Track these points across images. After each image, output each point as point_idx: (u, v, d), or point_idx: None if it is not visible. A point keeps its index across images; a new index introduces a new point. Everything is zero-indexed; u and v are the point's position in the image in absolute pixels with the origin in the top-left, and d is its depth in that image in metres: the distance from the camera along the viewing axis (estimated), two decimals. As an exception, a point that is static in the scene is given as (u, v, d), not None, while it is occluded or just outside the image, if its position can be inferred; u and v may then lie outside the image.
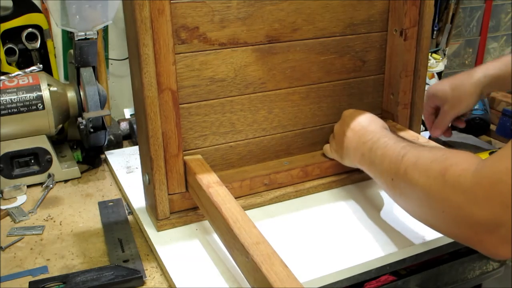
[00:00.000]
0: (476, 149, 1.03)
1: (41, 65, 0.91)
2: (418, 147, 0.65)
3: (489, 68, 0.93)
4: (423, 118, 1.00)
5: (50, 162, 0.98)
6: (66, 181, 1.00)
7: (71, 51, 0.99)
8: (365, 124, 0.78)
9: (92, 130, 0.97)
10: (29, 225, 0.84)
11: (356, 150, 0.77)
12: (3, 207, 0.89)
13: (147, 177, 0.78)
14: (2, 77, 0.90)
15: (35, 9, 1.09)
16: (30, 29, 1.09)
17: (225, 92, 0.80)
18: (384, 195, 0.88)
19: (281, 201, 0.86)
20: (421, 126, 1.00)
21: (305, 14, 0.81)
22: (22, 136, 0.95)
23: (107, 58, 1.21)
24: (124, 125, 1.19)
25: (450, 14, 1.52)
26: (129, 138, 1.19)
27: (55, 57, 1.14)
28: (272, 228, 0.78)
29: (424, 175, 0.59)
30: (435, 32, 1.52)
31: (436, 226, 0.62)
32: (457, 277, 0.83)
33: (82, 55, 0.94)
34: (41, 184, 0.97)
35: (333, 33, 0.85)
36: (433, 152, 0.61)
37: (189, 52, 0.75)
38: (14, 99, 0.92)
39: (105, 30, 1.19)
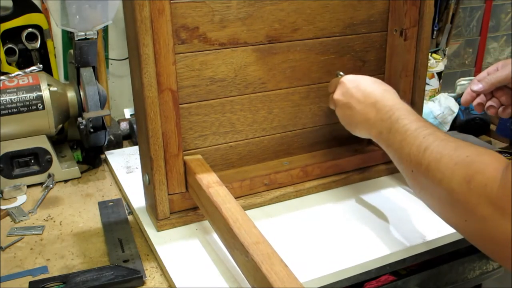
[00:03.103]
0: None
1: (41, 65, 0.90)
2: (441, 140, 0.60)
3: None
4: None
5: (50, 162, 0.98)
6: (66, 181, 1.00)
7: (71, 51, 0.99)
8: (380, 98, 0.72)
9: (92, 130, 0.97)
10: (29, 225, 0.84)
11: (371, 127, 0.72)
12: (3, 207, 0.89)
13: (147, 177, 0.78)
14: (2, 77, 0.90)
15: (35, 9, 1.09)
16: (30, 29, 1.09)
17: (225, 92, 0.80)
18: (384, 195, 0.88)
19: (281, 201, 0.86)
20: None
21: (305, 14, 0.81)
22: (22, 136, 0.95)
23: (107, 58, 1.21)
24: (124, 125, 1.19)
25: (450, 14, 1.52)
26: (129, 138, 1.19)
27: (55, 57, 1.14)
28: (272, 228, 0.78)
29: (448, 177, 0.56)
30: (435, 32, 1.51)
31: (457, 230, 0.59)
32: (457, 277, 0.83)
33: (82, 55, 0.94)
34: (41, 184, 0.97)
35: (333, 33, 0.85)
36: (458, 152, 0.57)
37: (189, 52, 0.75)
38: (14, 99, 0.92)
39: (105, 30, 1.19)
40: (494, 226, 0.50)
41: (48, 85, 0.96)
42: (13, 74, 0.89)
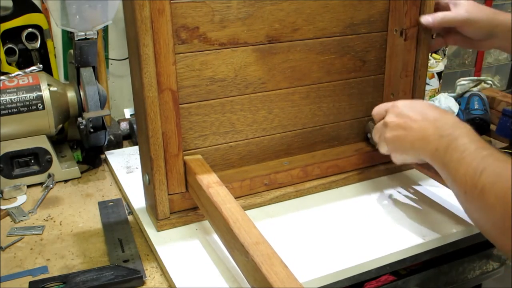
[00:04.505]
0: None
1: (41, 65, 0.91)
2: (500, 161, 0.58)
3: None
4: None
5: (50, 162, 0.98)
6: (66, 181, 1.00)
7: (71, 51, 0.99)
8: (439, 116, 0.69)
9: (92, 130, 0.97)
10: (29, 225, 0.84)
11: (428, 143, 0.68)
12: (3, 207, 0.89)
13: (147, 177, 0.78)
14: (2, 77, 0.90)
15: (35, 9, 1.09)
16: (30, 29, 1.09)
17: (225, 92, 0.80)
18: (384, 195, 0.88)
19: (281, 201, 0.86)
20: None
21: (305, 14, 0.81)
22: (22, 136, 0.95)
23: (107, 58, 1.21)
24: (124, 125, 1.19)
25: (450, 14, 1.52)
26: (129, 138, 1.19)
27: (55, 57, 1.14)
28: (272, 228, 0.78)
29: (503, 201, 0.54)
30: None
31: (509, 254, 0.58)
32: (457, 277, 0.83)
33: (82, 55, 0.94)
34: (41, 184, 0.97)
35: (333, 33, 0.85)
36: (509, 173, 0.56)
37: (189, 52, 0.75)
38: (14, 99, 0.92)
39: (105, 30, 1.19)
40: None
41: (48, 85, 0.96)
42: (13, 74, 0.90)
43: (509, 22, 0.86)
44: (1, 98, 0.92)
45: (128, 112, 1.28)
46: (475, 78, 1.29)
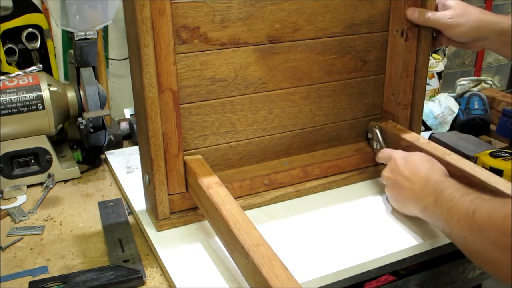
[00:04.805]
0: (476, 149, 1.03)
1: (41, 65, 0.91)
2: (487, 200, 0.61)
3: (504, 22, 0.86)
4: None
5: (50, 162, 0.98)
6: (66, 181, 1.00)
7: (71, 51, 0.98)
8: (425, 175, 0.73)
9: (92, 130, 0.97)
10: (29, 225, 0.84)
11: (417, 202, 0.73)
12: (3, 207, 0.89)
13: (147, 177, 0.78)
14: (2, 77, 0.90)
15: (35, 9, 1.09)
16: (30, 29, 1.09)
17: (226, 92, 0.80)
18: (384, 195, 0.88)
19: (281, 201, 0.86)
20: (421, 126, 1.00)
21: (306, 14, 0.81)
22: (22, 136, 0.95)
23: (107, 58, 1.21)
24: (124, 125, 1.19)
25: (450, 14, 1.52)
26: (129, 138, 1.19)
27: (55, 57, 1.14)
28: (272, 228, 0.78)
29: (501, 232, 0.55)
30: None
31: None
32: (457, 277, 0.83)
33: (82, 55, 0.94)
34: (41, 184, 0.97)
35: (334, 33, 0.85)
36: (503, 205, 0.57)
37: (190, 52, 0.75)
38: (14, 99, 0.92)
39: (105, 30, 1.19)
40: None
41: (48, 85, 0.96)
42: (13, 74, 0.90)
43: (498, 25, 0.86)
44: (1, 98, 0.92)
45: (128, 112, 1.28)
46: (475, 78, 1.29)
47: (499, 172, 0.90)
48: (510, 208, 0.55)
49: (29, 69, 0.89)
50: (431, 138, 1.05)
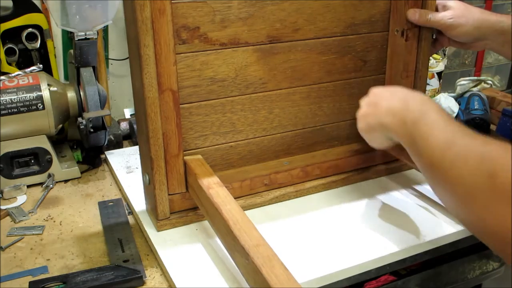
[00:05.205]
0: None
1: (41, 65, 0.91)
2: (468, 137, 0.57)
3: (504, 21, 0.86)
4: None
5: (50, 162, 0.98)
6: (66, 181, 1.00)
7: (71, 51, 0.98)
8: (410, 93, 0.69)
9: (92, 130, 0.97)
10: (29, 225, 0.84)
11: (395, 115, 0.67)
12: (3, 207, 0.89)
13: (147, 177, 0.78)
14: (2, 77, 0.90)
15: (35, 9, 1.09)
16: (30, 29, 1.09)
17: (226, 92, 0.80)
18: (384, 195, 0.88)
19: (281, 201, 0.86)
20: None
21: (306, 14, 0.81)
22: (22, 136, 0.95)
23: (107, 58, 1.21)
24: (124, 125, 1.19)
25: (451, 14, 1.52)
26: (129, 138, 1.19)
27: (55, 57, 1.14)
28: (272, 228, 0.78)
29: (472, 174, 0.53)
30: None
31: (473, 230, 0.57)
32: (457, 277, 0.83)
33: (82, 55, 0.94)
34: (41, 184, 0.97)
35: (334, 33, 0.85)
36: (486, 147, 0.54)
37: (190, 52, 0.75)
38: (14, 99, 0.92)
39: (105, 30, 1.19)
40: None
41: (48, 85, 0.96)
42: (13, 74, 0.89)
43: (498, 24, 0.86)
44: (1, 98, 0.91)
45: (128, 112, 1.28)
46: (475, 78, 1.29)
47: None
48: (487, 149, 0.53)
49: (29, 69, 0.88)
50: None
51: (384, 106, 0.70)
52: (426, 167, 0.62)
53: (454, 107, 1.21)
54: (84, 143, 1.01)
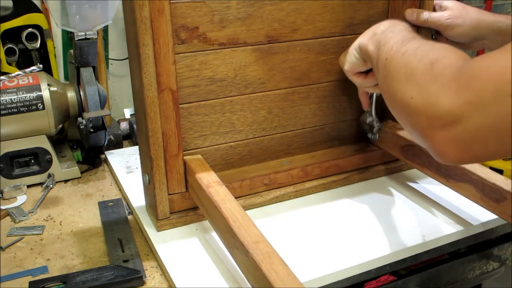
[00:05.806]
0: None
1: (41, 65, 0.91)
2: (427, 41, 0.64)
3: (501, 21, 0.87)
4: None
5: (50, 162, 0.98)
6: (66, 181, 1.00)
7: (71, 51, 0.99)
8: (376, 24, 0.76)
9: (92, 130, 0.97)
10: (29, 225, 0.84)
11: (369, 30, 0.75)
12: (3, 207, 0.89)
13: (147, 177, 0.78)
14: (2, 77, 0.90)
15: (35, 9, 1.09)
16: (30, 29, 1.09)
17: (225, 92, 0.80)
18: (384, 195, 0.88)
19: (281, 201, 0.86)
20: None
21: (304, 14, 0.81)
22: (22, 136, 0.95)
23: (107, 58, 1.21)
24: (124, 125, 1.19)
25: (450, 14, 1.52)
26: (129, 138, 1.19)
27: (55, 57, 1.14)
28: (272, 228, 0.78)
29: (418, 59, 0.59)
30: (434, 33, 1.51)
31: (397, 110, 0.61)
32: (457, 277, 0.83)
33: (82, 55, 0.94)
34: (41, 184, 0.97)
35: (332, 33, 0.85)
36: (435, 45, 0.61)
37: (189, 52, 0.75)
38: (14, 99, 0.92)
39: (105, 30, 1.19)
40: (434, 102, 0.52)
41: (48, 85, 0.96)
42: (13, 74, 0.90)
43: (496, 25, 0.86)
44: (1, 98, 0.92)
45: (128, 112, 1.28)
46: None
47: (499, 172, 0.90)
48: (438, 46, 0.60)
49: (29, 69, 0.89)
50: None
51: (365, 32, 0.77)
52: (380, 63, 0.67)
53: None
54: (84, 143, 1.01)
